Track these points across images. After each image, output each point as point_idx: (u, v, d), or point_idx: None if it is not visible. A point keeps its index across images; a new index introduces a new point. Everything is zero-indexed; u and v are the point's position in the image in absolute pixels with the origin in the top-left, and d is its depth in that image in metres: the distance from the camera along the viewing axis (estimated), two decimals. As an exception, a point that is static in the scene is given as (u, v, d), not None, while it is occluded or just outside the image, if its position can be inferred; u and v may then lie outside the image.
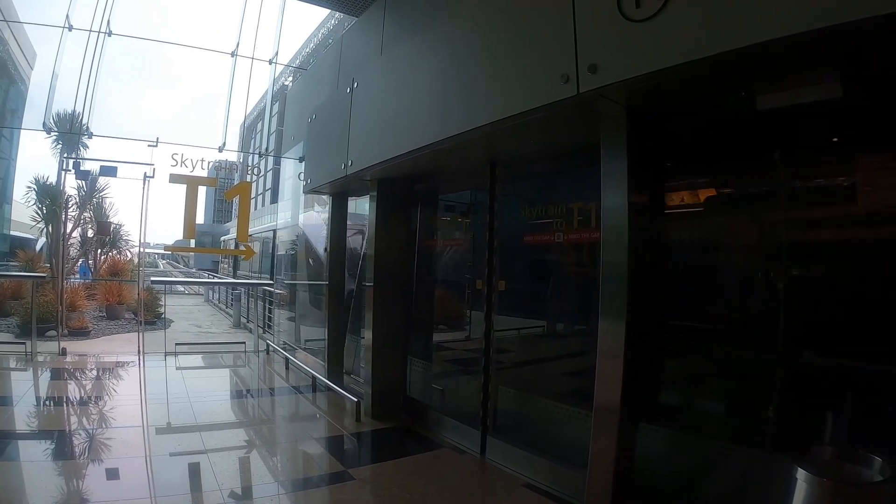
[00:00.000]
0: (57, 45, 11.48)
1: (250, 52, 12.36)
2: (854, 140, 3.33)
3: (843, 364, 3.24)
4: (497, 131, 4.27)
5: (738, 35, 2.60)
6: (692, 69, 2.85)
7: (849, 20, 2.25)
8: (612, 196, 3.68)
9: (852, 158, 3.30)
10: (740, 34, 2.59)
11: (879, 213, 3.21)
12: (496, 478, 4.84)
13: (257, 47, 12.47)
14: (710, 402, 4.06)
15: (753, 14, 2.55)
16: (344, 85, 6.81)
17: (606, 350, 3.67)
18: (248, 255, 11.40)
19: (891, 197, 3.13)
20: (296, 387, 8.14)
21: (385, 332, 6.59)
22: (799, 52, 2.67)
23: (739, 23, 2.59)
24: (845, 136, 3.36)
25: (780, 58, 2.76)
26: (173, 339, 10.64)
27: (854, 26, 2.26)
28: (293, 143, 10.22)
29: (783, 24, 2.44)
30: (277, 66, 12.81)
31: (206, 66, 55.85)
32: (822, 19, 2.33)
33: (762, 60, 2.78)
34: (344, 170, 6.43)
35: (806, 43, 2.48)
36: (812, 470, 2.41)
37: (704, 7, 2.75)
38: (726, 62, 2.73)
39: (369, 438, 5.92)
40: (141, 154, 12.01)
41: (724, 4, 2.67)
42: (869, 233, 3.33)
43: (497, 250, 5.40)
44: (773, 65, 2.90)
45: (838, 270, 3.47)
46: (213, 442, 5.44)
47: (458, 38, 4.70)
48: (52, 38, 11.47)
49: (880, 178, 3.15)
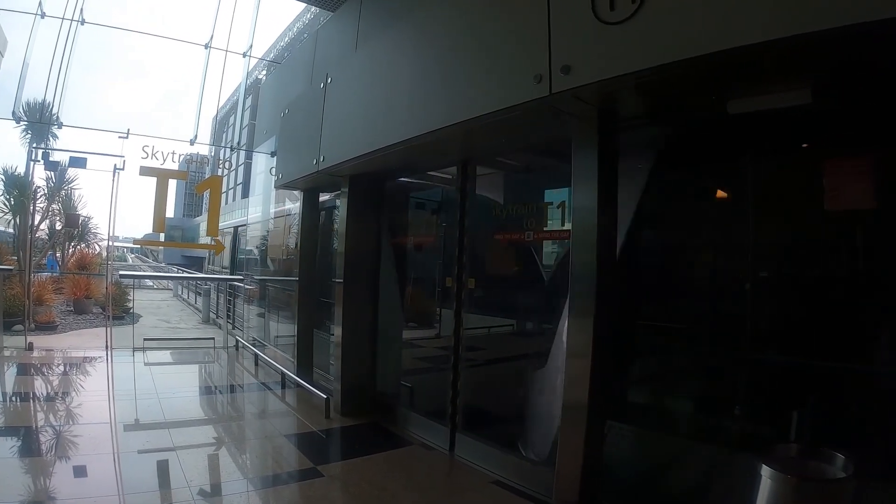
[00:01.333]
0: (29, 33, 11.25)
1: (224, 45, 12.24)
2: (821, 145, 3.41)
3: (808, 363, 3.31)
4: (470, 129, 4.29)
5: (709, 40, 2.64)
6: (664, 72, 2.88)
7: (820, 29, 2.29)
8: (582, 196, 3.72)
9: (819, 162, 3.37)
10: (712, 39, 2.63)
11: (844, 217, 3.28)
12: (465, 474, 4.86)
13: (231, 40, 12.35)
14: (677, 399, 4.12)
15: (725, 20, 2.59)
16: (318, 80, 6.77)
17: (575, 348, 3.71)
18: (219, 249, 11.30)
19: (856, 200, 3.20)
20: (265, 383, 8.08)
21: (354, 329, 6.58)
22: (770, 58, 2.73)
23: (711, 28, 2.64)
24: (813, 140, 3.44)
25: (751, 63, 2.81)
26: (142, 335, 10.49)
27: (825, 35, 2.30)
28: (265, 137, 10.17)
29: (754, 30, 2.49)
30: (251, 59, 12.72)
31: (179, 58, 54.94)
32: (793, 27, 2.37)
33: (733, 65, 2.82)
34: (316, 165, 6.40)
35: (777, 49, 2.53)
36: (777, 467, 2.48)
37: (677, 11, 2.78)
38: (697, 66, 2.77)
39: (338, 435, 5.90)
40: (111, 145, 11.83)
41: (697, 9, 2.71)
42: (835, 235, 3.42)
43: (467, 248, 5.41)
44: (744, 70, 2.95)
45: (804, 271, 3.55)
46: (182, 439, 5.38)
47: (433, 35, 4.70)
48: (24, 24, 11.22)
49: (846, 182, 3.22)
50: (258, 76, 18.82)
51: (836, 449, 2.58)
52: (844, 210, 3.26)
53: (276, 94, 9.85)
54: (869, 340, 3.21)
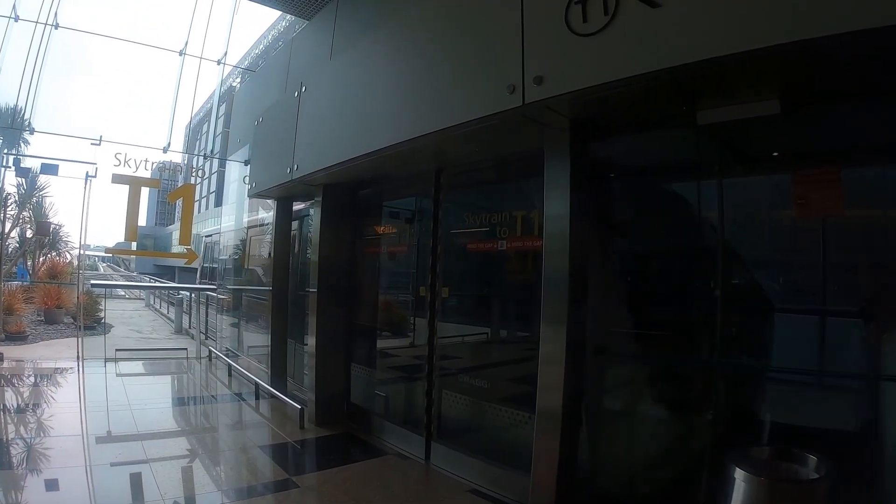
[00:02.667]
0: (2, 36, 11.08)
1: (199, 52, 12.15)
2: (788, 154, 3.48)
3: (776, 367, 3.37)
4: (444, 139, 4.32)
5: (680, 52, 2.71)
6: (635, 83, 2.94)
7: (788, 41, 2.37)
8: (554, 205, 3.77)
9: (787, 172, 3.43)
10: (683, 51, 2.70)
11: (811, 224, 3.35)
12: (441, 483, 4.85)
13: (206, 47, 12.27)
14: (651, 405, 4.16)
15: (695, 32, 2.66)
16: (292, 88, 6.76)
17: (547, 356, 3.75)
18: (191, 258, 11.18)
19: (823, 209, 3.26)
20: (239, 394, 8.02)
21: (328, 339, 6.56)
22: (737, 69, 2.79)
23: (682, 40, 2.70)
24: (781, 150, 3.50)
25: (719, 75, 2.87)
26: (113, 345, 10.33)
27: (792, 47, 2.38)
28: (239, 145, 10.09)
29: (724, 42, 2.56)
30: (226, 66, 12.64)
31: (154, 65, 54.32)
32: (762, 39, 2.44)
33: (702, 77, 2.88)
34: (289, 174, 6.38)
35: (743, 61, 2.59)
36: (749, 469, 2.51)
37: (648, 24, 2.84)
38: (668, 78, 2.84)
39: (313, 445, 5.86)
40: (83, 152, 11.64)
41: (667, 22, 2.77)
42: (801, 243, 3.48)
43: (441, 257, 5.43)
44: (713, 81, 3.01)
45: (773, 278, 3.61)
46: (156, 451, 5.30)
47: (407, 45, 4.73)
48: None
49: (813, 191, 3.28)
50: (233, 83, 18.70)
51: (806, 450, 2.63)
52: (813, 218, 3.32)
53: (250, 102, 9.80)
54: (833, 346, 3.28)
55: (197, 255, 11.79)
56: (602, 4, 3.02)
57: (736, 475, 2.53)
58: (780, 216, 3.52)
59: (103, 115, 60.79)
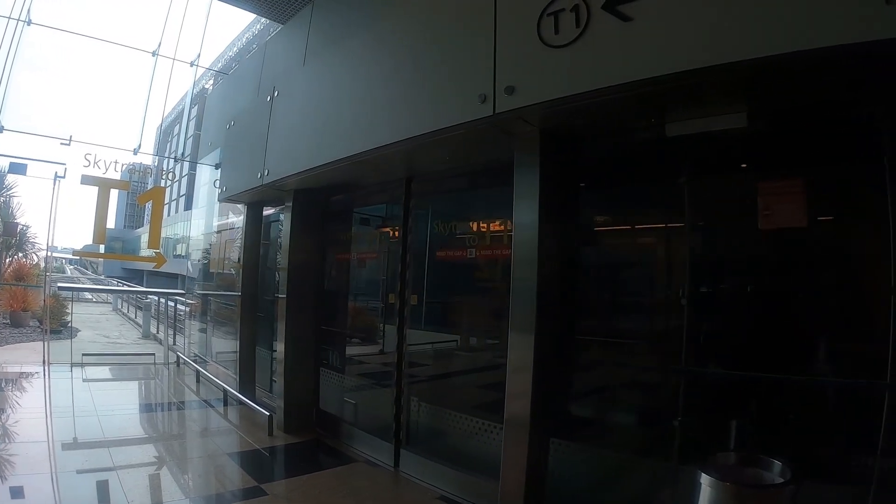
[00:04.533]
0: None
1: (172, 53, 12.00)
2: (755, 166, 3.54)
3: (744, 374, 3.42)
4: (416, 147, 4.33)
5: (650, 65, 2.76)
6: (606, 95, 2.98)
7: (755, 56, 2.44)
8: (523, 214, 3.80)
9: (753, 183, 3.48)
10: (652, 64, 2.75)
11: (776, 235, 3.41)
12: (410, 490, 4.84)
13: (179, 48, 12.12)
14: (619, 413, 4.20)
15: (665, 46, 2.72)
16: (265, 92, 6.71)
17: (516, 364, 3.77)
18: (160, 262, 11.01)
19: (787, 219, 3.33)
20: (207, 400, 7.94)
21: (298, 345, 6.52)
22: (706, 83, 2.85)
23: (652, 53, 2.76)
24: (747, 162, 3.57)
25: (688, 88, 2.91)
26: (80, 350, 10.14)
27: (759, 62, 2.45)
28: (210, 149, 9.99)
29: (693, 56, 2.62)
30: (199, 68, 12.52)
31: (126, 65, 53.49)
32: (730, 54, 2.51)
33: (671, 90, 2.91)
34: (260, 179, 6.33)
35: (714, 75, 2.65)
36: (715, 474, 2.56)
37: (619, 37, 2.89)
38: (638, 90, 2.88)
39: (282, 453, 5.82)
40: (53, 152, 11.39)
41: (638, 36, 2.82)
42: (767, 253, 3.54)
43: (410, 264, 5.43)
44: (683, 94, 3.05)
45: (738, 288, 3.67)
46: (123, 458, 5.23)
47: (381, 52, 4.73)
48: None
49: (778, 202, 3.35)
50: (205, 86, 18.53)
51: (772, 456, 2.69)
52: (777, 228, 3.39)
53: (222, 105, 9.71)
54: (801, 352, 3.34)
55: (166, 259, 11.61)
56: (574, 17, 3.06)
57: (702, 480, 2.58)
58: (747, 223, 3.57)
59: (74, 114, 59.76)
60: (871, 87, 2.87)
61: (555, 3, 3.17)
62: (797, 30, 2.32)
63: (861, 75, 2.69)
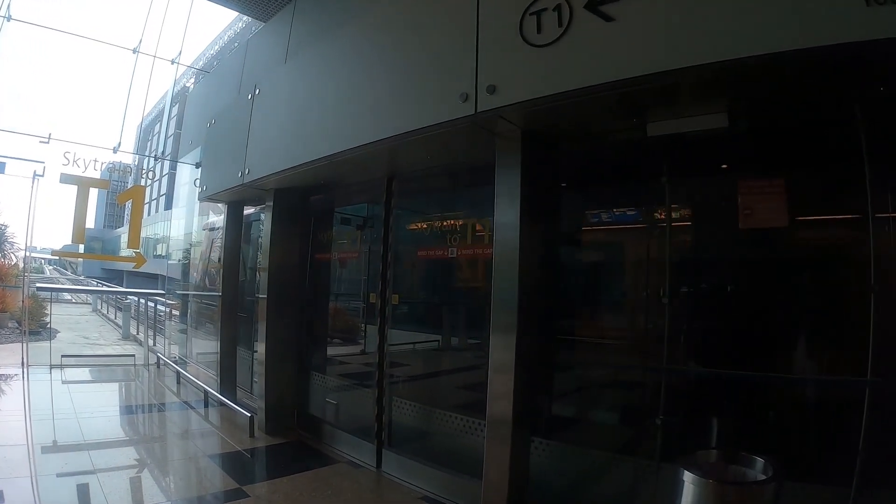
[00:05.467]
0: None
1: (153, 51, 11.84)
2: (736, 166, 3.56)
3: (725, 373, 3.44)
4: (398, 145, 4.31)
5: (632, 65, 2.78)
6: (588, 94, 2.99)
7: (736, 57, 2.47)
8: (504, 214, 3.81)
9: (734, 183, 3.50)
10: (634, 64, 2.77)
11: (757, 235, 3.43)
12: (393, 491, 4.82)
13: (160, 46, 11.96)
14: (600, 412, 4.21)
15: (647, 46, 2.74)
16: (246, 91, 6.66)
17: (498, 364, 3.78)
18: (139, 262, 10.90)
19: (768, 219, 3.35)
20: (187, 402, 7.87)
21: (279, 346, 6.47)
22: (687, 84, 2.87)
23: (634, 53, 2.78)
24: (728, 162, 3.59)
25: (670, 88, 2.92)
26: (59, 351, 10.03)
27: (740, 63, 2.48)
28: (191, 147, 9.90)
29: (673, 56, 2.64)
30: (180, 66, 12.37)
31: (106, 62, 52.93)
32: (710, 54, 2.53)
33: (653, 90, 2.93)
34: (241, 178, 6.28)
35: (694, 76, 2.68)
36: (698, 472, 2.58)
37: (601, 37, 2.90)
38: (620, 90, 2.89)
39: (263, 454, 5.78)
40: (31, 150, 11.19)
41: (620, 36, 2.84)
42: (748, 252, 3.56)
43: (391, 264, 5.41)
44: (664, 94, 3.07)
45: (719, 287, 3.69)
46: (103, 461, 5.16)
47: (363, 50, 4.71)
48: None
49: (759, 201, 3.36)
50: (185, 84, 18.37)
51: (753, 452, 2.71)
52: (757, 228, 3.40)
53: (203, 103, 9.64)
54: (782, 351, 3.36)
55: (146, 259, 11.50)
56: (556, 16, 3.07)
57: (685, 478, 2.59)
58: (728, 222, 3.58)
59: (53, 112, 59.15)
60: (851, 88, 2.90)
61: (537, 2, 3.17)
62: (777, 31, 2.36)
63: (841, 76, 2.71)
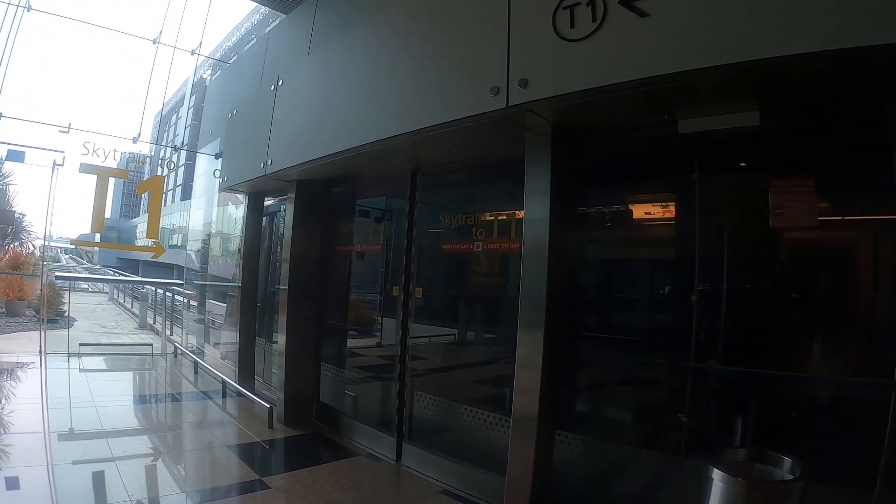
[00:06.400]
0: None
1: (173, 41, 11.86)
2: (767, 165, 3.52)
3: (748, 371, 3.42)
4: (425, 139, 4.29)
5: (664, 62, 2.75)
6: (619, 90, 2.97)
7: (767, 56, 2.44)
8: (534, 208, 3.79)
9: (764, 182, 3.47)
10: (667, 61, 2.74)
11: (786, 234, 3.42)
12: (413, 484, 4.84)
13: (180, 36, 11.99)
14: (623, 408, 4.20)
15: (680, 43, 2.70)
16: (268, 82, 6.67)
17: (525, 359, 3.77)
18: (158, 252, 10.94)
19: (797, 219, 3.32)
20: (205, 392, 7.89)
21: (299, 337, 6.49)
22: (721, 81, 2.84)
23: (667, 50, 2.74)
24: (760, 160, 3.55)
25: (703, 86, 2.92)
26: (76, 339, 10.11)
27: (772, 62, 2.45)
28: (211, 138, 9.93)
29: (708, 55, 2.61)
30: (199, 57, 12.38)
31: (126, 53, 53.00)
32: (743, 53, 2.51)
33: (686, 87, 2.91)
34: (263, 169, 6.29)
35: (728, 74, 2.65)
36: (727, 470, 2.59)
37: (636, 33, 2.87)
38: (654, 86, 2.87)
39: (283, 446, 5.80)
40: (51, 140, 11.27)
41: (655, 32, 2.80)
42: (778, 251, 3.54)
43: (415, 257, 5.41)
44: (696, 92, 3.05)
45: (746, 285, 3.66)
46: (122, 449, 5.18)
47: (389, 43, 4.70)
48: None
49: (789, 201, 3.33)
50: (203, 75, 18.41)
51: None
52: (787, 227, 3.38)
53: (223, 94, 9.66)
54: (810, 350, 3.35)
55: (164, 248, 11.55)
56: (591, 11, 3.04)
57: (714, 475, 2.60)
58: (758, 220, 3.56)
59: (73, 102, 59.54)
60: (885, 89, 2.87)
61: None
62: (813, 30, 2.33)
63: (877, 76, 2.69)
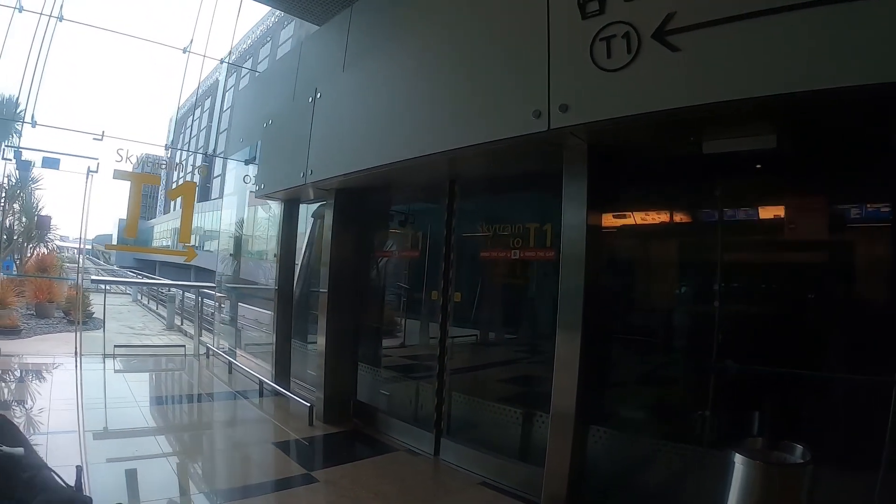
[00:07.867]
0: (6, 27, 11.00)
1: (202, 50, 12.16)
2: (782, 183, 3.86)
3: (772, 371, 3.69)
4: (462, 156, 4.63)
5: (693, 94, 3.09)
6: (651, 118, 3.29)
7: (784, 91, 2.79)
8: (571, 218, 4.11)
9: (780, 198, 3.84)
10: (695, 93, 3.08)
11: (800, 246, 3.81)
12: (453, 476, 5.12)
13: (206, 45, 12.32)
14: (655, 404, 4.49)
15: (707, 77, 3.04)
16: (303, 93, 6.95)
17: (563, 359, 4.07)
18: (190, 256, 11.28)
19: (811, 233, 3.70)
20: (241, 391, 8.14)
21: (338, 338, 6.77)
22: (743, 110, 3.15)
23: (694, 83, 3.08)
24: (776, 178, 3.86)
25: (726, 114, 3.23)
26: (109, 341, 10.33)
27: (787, 97, 2.80)
28: (242, 145, 10.19)
29: (732, 89, 2.95)
30: (226, 65, 12.70)
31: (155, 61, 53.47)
32: (764, 88, 2.85)
33: (712, 115, 3.24)
34: (303, 178, 6.56)
35: (747, 107, 3.02)
36: (747, 454, 3.02)
37: (666, 66, 3.18)
38: (683, 115, 3.18)
39: (324, 442, 6.07)
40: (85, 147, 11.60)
41: (685, 65, 3.12)
42: (792, 261, 3.92)
43: (454, 264, 5.69)
44: (721, 119, 3.37)
45: (766, 291, 4.01)
46: (171, 446, 5.53)
47: (428, 59, 4.97)
48: (1, 18, 10.99)
49: (803, 217, 3.70)
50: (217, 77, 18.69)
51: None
52: (800, 240, 3.76)
53: (253, 103, 9.88)
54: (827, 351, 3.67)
55: (196, 252, 11.85)
56: (626, 43, 3.33)
57: (735, 460, 3.02)
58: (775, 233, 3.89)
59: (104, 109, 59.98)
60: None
61: (607, 28, 3.44)
62: (828, 69, 2.65)
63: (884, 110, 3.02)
